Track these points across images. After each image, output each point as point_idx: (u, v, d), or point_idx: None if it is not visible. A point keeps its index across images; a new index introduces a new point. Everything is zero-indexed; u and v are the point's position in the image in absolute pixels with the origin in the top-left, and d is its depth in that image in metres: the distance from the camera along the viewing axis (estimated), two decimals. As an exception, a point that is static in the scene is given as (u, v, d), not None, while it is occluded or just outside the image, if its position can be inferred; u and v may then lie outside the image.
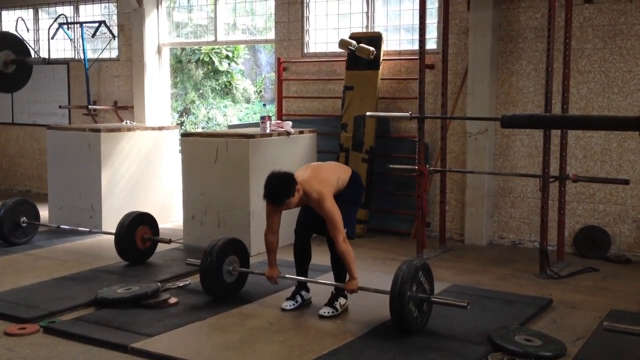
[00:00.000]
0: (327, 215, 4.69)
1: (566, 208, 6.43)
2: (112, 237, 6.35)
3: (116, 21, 9.88)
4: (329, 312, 4.81)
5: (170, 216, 8.30)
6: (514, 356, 4.05)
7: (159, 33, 9.65)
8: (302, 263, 5.10)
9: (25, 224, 7.06)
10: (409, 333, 4.42)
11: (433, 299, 4.59)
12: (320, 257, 5.45)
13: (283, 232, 5.06)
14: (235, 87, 15.69)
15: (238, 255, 5.29)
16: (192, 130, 13.80)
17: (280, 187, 4.67)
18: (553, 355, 4.10)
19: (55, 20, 10.08)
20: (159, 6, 9.61)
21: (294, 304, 5.00)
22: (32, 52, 10.51)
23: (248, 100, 16.32)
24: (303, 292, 5.08)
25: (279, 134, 7.12)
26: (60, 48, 10.44)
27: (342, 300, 4.91)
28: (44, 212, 7.75)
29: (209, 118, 15.34)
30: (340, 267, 4.90)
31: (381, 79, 7.58)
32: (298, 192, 4.69)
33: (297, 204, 4.80)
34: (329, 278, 5.16)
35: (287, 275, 5.12)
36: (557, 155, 6.31)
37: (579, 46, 6.69)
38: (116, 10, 9.88)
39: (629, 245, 6.64)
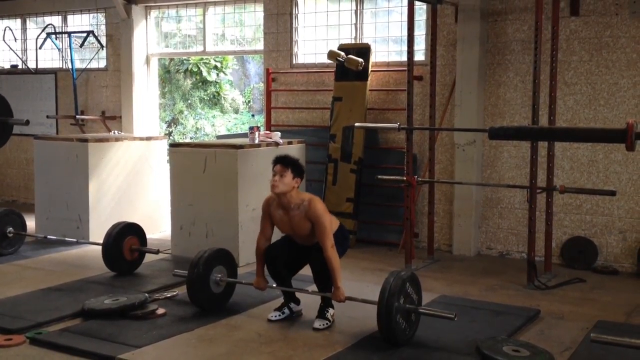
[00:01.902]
0: (318, 219, 4.70)
1: (553, 219, 6.46)
2: (100, 247, 6.32)
3: (104, 31, 9.87)
4: (323, 325, 4.80)
5: (158, 227, 8.26)
6: (502, 367, 4.06)
7: (147, 43, 9.65)
8: (284, 282, 5.07)
9: (11, 235, 7.01)
10: (396, 344, 4.42)
11: (421, 310, 4.60)
12: (307, 268, 5.43)
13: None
14: (224, 98, 15.70)
15: (225, 265, 5.28)
16: (181, 141, 13.77)
17: (292, 158, 4.83)
18: (541, 365, 4.11)
19: (43, 30, 10.06)
20: (148, 16, 9.62)
21: (279, 315, 4.99)
22: (20, 62, 10.50)
23: (237, 111, 16.33)
24: (292, 305, 5.07)
25: (268, 144, 7.12)
26: (48, 58, 10.41)
27: (331, 311, 4.91)
28: (30, 223, 7.70)
29: (197, 128, 15.33)
30: (323, 279, 4.88)
31: (370, 90, 7.61)
32: (298, 183, 4.77)
33: (290, 201, 4.78)
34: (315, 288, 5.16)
35: (274, 285, 5.11)
36: (544, 166, 6.35)
37: (566, 58, 6.75)
38: (104, 20, 9.88)
39: (616, 256, 6.68)
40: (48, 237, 7.26)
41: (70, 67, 9.81)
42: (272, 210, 4.96)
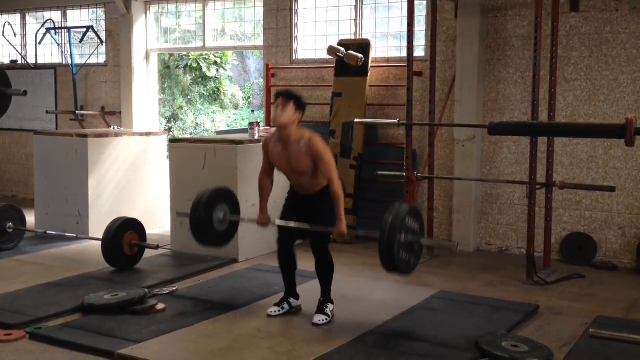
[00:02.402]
0: (321, 154, 4.71)
1: (553, 215, 6.46)
2: (99, 243, 6.32)
3: (104, 26, 9.86)
4: (323, 320, 4.80)
5: (158, 222, 8.26)
6: (501, 362, 4.06)
7: (147, 39, 9.64)
8: (289, 271, 5.07)
9: (11, 230, 7.01)
10: (400, 274, 4.50)
11: (423, 242, 4.62)
12: (306, 263, 5.45)
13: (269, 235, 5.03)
14: (224, 93, 15.68)
15: (228, 203, 5.27)
16: (180, 136, 13.77)
17: (294, 92, 4.89)
18: (540, 361, 4.12)
19: (42, 25, 10.05)
20: (147, 12, 9.61)
21: (279, 310, 5.00)
22: (20, 58, 10.49)
23: (236, 107, 16.32)
24: (291, 300, 5.07)
25: (267, 140, 7.11)
26: (48, 53, 10.39)
27: (330, 306, 4.91)
28: (30, 218, 7.70)
29: (197, 124, 15.32)
30: (324, 275, 4.91)
31: (369, 86, 7.61)
32: (299, 116, 4.80)
33: (289, 136, 4.78)
34: (317, 284, 5.16)
35: (277, 222, 5.01)
36: (543, 162, 6.35)
37: (566, 54, 6.75)
38: (104, 16, 9.87)
39: (615, 252, 6.68)
40: (48, 232, 7.27)
41: (69, 62, 9.80)
42: (270, 147, 4.97)
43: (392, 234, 4.34)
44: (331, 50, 7.53)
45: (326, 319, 4.81)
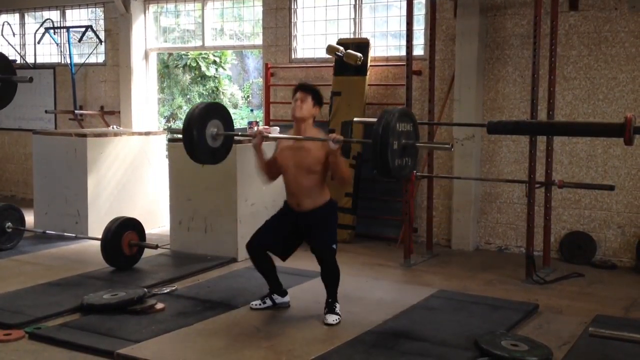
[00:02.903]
0: (337, 152, 4.70)
1: (552, 214, 6.46)
2: (99, 242, 6.32)
3: (103, 26, 9.85)
4: (335, 320, 4.78)
5: (157, 222, 8.26)
6: (501, 361, 4.06)
7: (146, 38, 9.64)
8: (268, 269, 5.08)
9: (10, 230, 7.00)
10: (395, 178, 4.51)
11: (418, 144, 4.58)
12: (306, 262, 5.45)
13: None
14: (223, 93, 15.69)
15: (220, 119, 5.20)
16: (179, 136, 13.74)
17: (313, 86, 4.99)
18: (539, 360, 4.12)
19: (41, 25, 10.04)
20: (146, 11, 9.60)
21: (260, 304, 5.05)
22: (18, 57, 10.48)
23: (235, 106, 16.32)
24: (275, 296, 5.10)
25: (267, 140, 7.09)
26: (47, 53, 10.38)
27: (338, 306, 4.89)
28: (29, 218, 7.70)
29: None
30: (332, 282, 4.89)
31: (368, 85, 7.61)
32: (317, 111, 4.92)
33: (306, 130, 4.88)
34: (316, 283, 5.15)
35: (270, 135, 5.12)
36: (542, 161, 6.35)
37: (565, 53, 6.75)
38: (103, 15, 9.86)
39: (614, 250, 6.69)
40: (47, 232, 7.26)
41: (68, 62, 9.79)
42: (282, 144, 5.02)
43: (385, 138, 4.28)
44: (330, 49, 7.52)
45: (338, 318, 4.80)
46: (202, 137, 5.03)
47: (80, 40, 9.77)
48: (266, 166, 5.03)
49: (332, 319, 4.78)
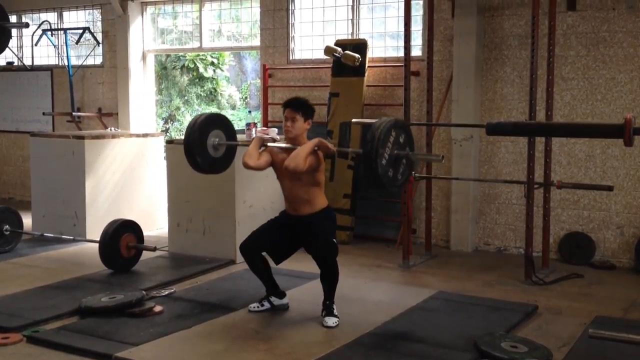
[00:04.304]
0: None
1: (551, 214, 6.45)
2: (96, 245, 6.30)
3: (100, 28, 9.83)
4: (335, 322, 4.77)
5: (155, 224, 8.24)
6: (500, 363, 4.05)
7: (143, 39, 9.62)
8: (265, 272, 5.08)
9: (8, 232, 6.98)
10: (386, 189, 4.49)
11: (410, 155, 4.58)
12: (306, 264, 5.44)
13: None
14: (221, 94, 15.66)
15: (222, 129, 5.25)
16: (177, 137, 13.74)
17: (301, 100, 4.99)
18: (539, 361, 4.11)
19: (39, 27, 10.02)
20: (144, 13, 9.59)
21: (258, 307, 5.05)
22: (16, 59, 10.46)
23: (233, 107, 16.29)
24: (272, 298, 5.10)
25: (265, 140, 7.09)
26: (44, 54, 10.37)
27: (335, 307, 4.88)
28: (27, 220, 7.67)
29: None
30: (331, 284, 4.88)
31: (367, 86, 7.60)
32: (309, 125, 4.92)
33: (300, 144, 4.82)
34: (315, 285, 5.14)
35: (267, 137, 5.12)
36: (541, 161, 6.34)
37: (563, 53, 6.74)
38: (100, 17, 9.84)
39: (613, 251, 6.68)
40: (45, 234, 7.23)
41: (66, 63, 9.77)
42: (275, 152, 5.01)
43: (374, 148, 4.28)
44: (328, 50, 7.51)
45: (337, 321, 4.79)
46: (204, 148, 5.10)
47: (77, 42, 9.75)
48: (258, 155, 5.01)
49: (331, 321, 4.77)
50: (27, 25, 6.35)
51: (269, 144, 5.12)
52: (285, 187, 4.98)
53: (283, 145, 5.03)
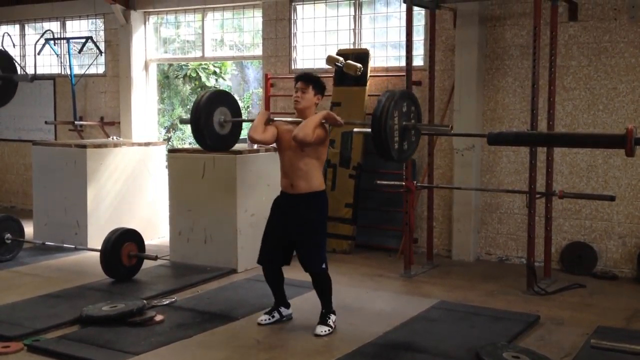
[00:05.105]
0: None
1: (552, 224, 6.44)
2: (98, 253, 6.31)
3: (103, 37, 9.86)
4: (325, 331, 4.77)
5: (157, 232, 8.25)
6: (502, 373, 4.04)
7: (146, 49, 9.65)
8: (278, 284, 5.06)
9: (9, 241, 6.99)
10: (395, 161, 4.55)
11: (418, 126, 4.62)
12: (304, 272, 5.43)
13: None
14: (223, 103, 15.66)
15: (228, 106, 5.31)
16: (179, 146, 13.76)
17: (314, 75, 5.00)
18: (541, 372, 4.10)
19: (41, 36, 10.05)
20: (147, 22, 9.62)
21: (269, 319, 5.01)
22: (19, 68, 10.49)
23: (235, 116, 16.28)
24: (282, 309, 5.07)
25: (267, 150, 7.10)
26: (47, 64, 10.40)
27: (332, 317, 4.88)
28: (28, 229, 7.68)
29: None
30: (323, 292, 4.89)
31: (368, 95, 7.60)
32: (318, 100, 4.95)
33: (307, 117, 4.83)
34: (311, 296, 5.13)
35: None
36: (543, 171, 6.34)
37: (564, 63, 6.75)
38: (103, 26, 9.87)
39: (615, 261, 6.66)
40: (46, 243, 7.23)
41: (68, 72, 9.80)
42: (281, 125, 5.00)
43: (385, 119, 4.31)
44: (330, 59, 7.52)
45: (329, 330, 4.78)
46: (211, 125, 5.16)
47: (80, 51, 9.78)
48: (264, 129, 4.96)
49: (320, 329, 4.77)
50: (32, 79, 6.50)
51: (275, 118, 5.10)
52: (286, 158, 4.90)
53: (289, 119, 5.05)
